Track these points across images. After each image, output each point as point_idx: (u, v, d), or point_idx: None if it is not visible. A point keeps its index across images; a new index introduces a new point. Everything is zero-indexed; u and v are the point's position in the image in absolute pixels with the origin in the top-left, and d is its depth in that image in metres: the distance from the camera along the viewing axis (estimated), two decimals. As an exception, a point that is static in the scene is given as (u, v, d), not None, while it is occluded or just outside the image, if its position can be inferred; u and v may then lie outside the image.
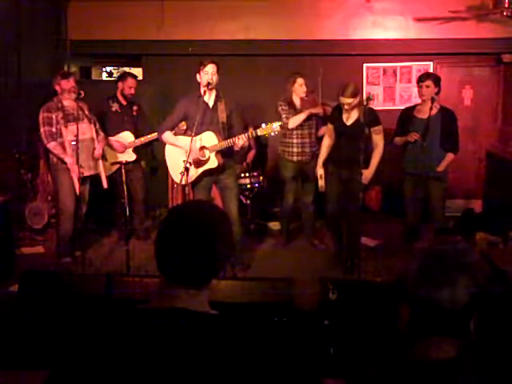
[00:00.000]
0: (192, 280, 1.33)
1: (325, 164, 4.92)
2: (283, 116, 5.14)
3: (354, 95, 4.54)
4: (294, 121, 5.12)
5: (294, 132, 5.22)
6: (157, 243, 1.35)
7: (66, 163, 4.75)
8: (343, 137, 4.72)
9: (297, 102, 5.23)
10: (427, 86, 4.59)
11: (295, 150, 5.28)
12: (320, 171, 4.88)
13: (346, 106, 4.58)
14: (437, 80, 4.65)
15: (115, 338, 1.25)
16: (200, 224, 1.34)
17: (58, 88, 4.82)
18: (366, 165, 4.66)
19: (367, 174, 4.63)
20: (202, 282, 1.35)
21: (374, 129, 4.63)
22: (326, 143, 4.92)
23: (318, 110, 5.20)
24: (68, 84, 4.75)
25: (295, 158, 5.30)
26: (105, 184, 4.92)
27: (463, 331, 1.25)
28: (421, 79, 4.66)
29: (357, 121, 4.64)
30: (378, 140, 4.67)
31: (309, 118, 5.21)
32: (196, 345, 1.24)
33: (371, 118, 4.58)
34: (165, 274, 1.34)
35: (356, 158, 4.48)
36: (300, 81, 5.19)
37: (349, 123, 4.69)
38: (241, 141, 4.32)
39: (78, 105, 4.68)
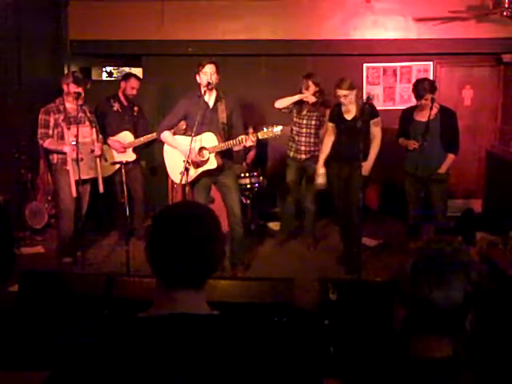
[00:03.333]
0: (191, 281, 1.32)
1: (327, 161, 4.97)
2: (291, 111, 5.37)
3: (349, 88, 4.64)
4: (281, 102, 5.28)
5: (294, 128, 5.39)
6: (150, 247, 1.33)
7: (66, 163, 4.76)
8: (344, 133, 4.77)
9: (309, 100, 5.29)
10: (426, 99, 4.55)
11: (293, 145, 5.46)
12: (321, 169, 4.93)
13: (342, 99, 4.68)
14: (434, 89, 4.62)
15: (119, 346, 1.24)
16: (192, 223, 1.32)
17: (65, 87, 4.82)
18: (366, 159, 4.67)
19: (366, 165, 4.63)
20: (200, 282, 1.34)
21: (373, 121, 4.68)
22: (327, 142, 4.98)
23: (309, 98, 5.22)
24: (77, 89, 4.75)
25: (291, 154, 5.48)
26: (101, 189, 4.93)
27: (459, 330, 1.26)
28: (420, 95, 4.58)
29: (356, 116, 4.67)
30: (376, 132, 4.72)
31: (310, 118, 5.29)
32: (202, 349, 1.23)
33: (369, 110, 4.62)
34: (163, 278, 1.33)
35: (356, 153, 4.47)
36: (311, 86, 5.25)
37: (349, 118, 4.75)
38: (249, 142, 4.29)
39: (81, 107, 4.71)
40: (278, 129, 4.27)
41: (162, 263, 1.31)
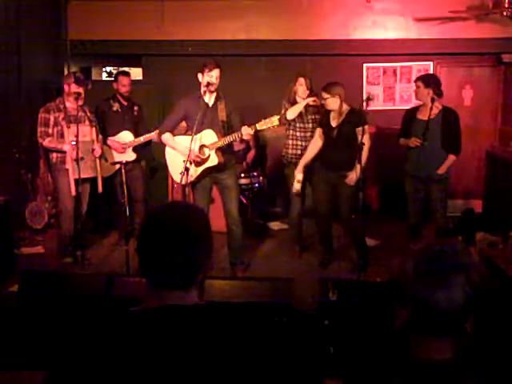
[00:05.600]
0: (179, 282, 1.31)
1: (313, 165, 4.84)
2: (282, 111, 5.13)
3: (330, 93, 4.52)
4: (292, 111, 5.07)
5: (291, 134, 5.21)
6: (139, 251, 1.33)
7: (65, 163, 4.76)
8: (329, 139, 4.66)
9: (300, 101, 5.18)
10: (418, 87, 4.64)
11: (290, 151, 5.24)
12: (299, 175, 4.75)
13: (322, 101, 4.64)
14: (426, 80, 4.64)
15: (112, 339, 1.24)
16: (179, 226, 1.32)
17: (66, 87, 4.83)
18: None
19: (352, 175, 4.49)
20: (188, 284, 1.33)
21: (357, 129, 4.50)
22: (312, 147, 4.81)
23: (316, 102, 5.09)
24: (78, 90, 4.75)
25: (291, 160, 5.26)
26: (100, 188, 4.93)
27: (460, 332, 1.25)
28: (415, 81, 4.76)
29: (341, 123, 4.60)
30: (364, 140, 4.43)
31: (308, 121, 5.19)
32: (195, 343, 1.23)
33: (356, 118, 4.48)
34: (151, 280, 1.33)
35: (343, 160, 4.45)
36: (301, 80, 5.16)
37: (334, 125, 4.64)
38: (247, 131, 4.22)
39: (82, 107, 4.72)
40: (275, 118, 4.24)
41: (149, 265, 1.31)
